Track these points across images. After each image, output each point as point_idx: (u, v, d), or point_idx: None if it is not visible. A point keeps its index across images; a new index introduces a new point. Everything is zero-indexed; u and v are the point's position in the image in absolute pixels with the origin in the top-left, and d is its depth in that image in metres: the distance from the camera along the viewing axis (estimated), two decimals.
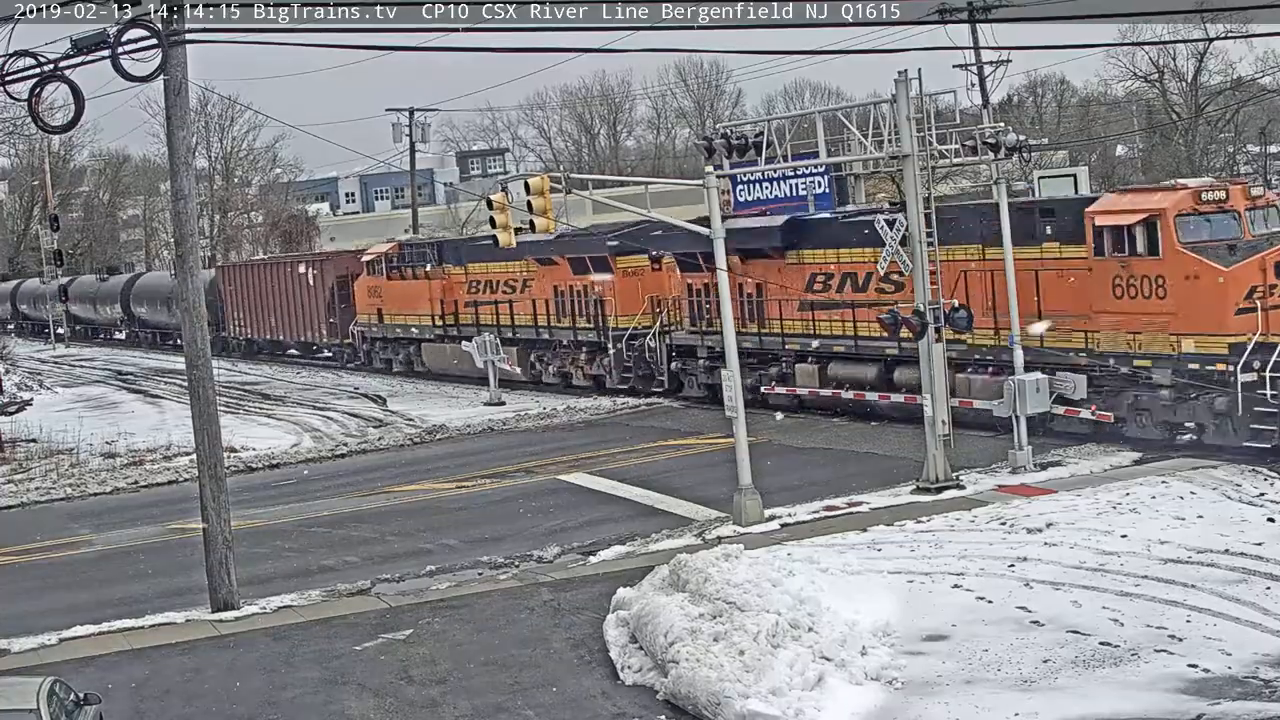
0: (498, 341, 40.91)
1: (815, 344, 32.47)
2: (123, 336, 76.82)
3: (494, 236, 25.62)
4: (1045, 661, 15.37)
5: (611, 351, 38.24)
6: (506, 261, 41.55)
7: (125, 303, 72.75)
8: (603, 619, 17.93)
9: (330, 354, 55.98)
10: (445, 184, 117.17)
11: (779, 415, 33.17)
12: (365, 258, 49.62)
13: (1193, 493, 21.99)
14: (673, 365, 36.84)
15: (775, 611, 15.84)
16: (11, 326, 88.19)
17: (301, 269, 55.79)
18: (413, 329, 47.39)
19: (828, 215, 34.19)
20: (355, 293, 50.62)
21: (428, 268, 46.45)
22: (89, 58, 19.29)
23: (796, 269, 32.93)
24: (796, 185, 47.34)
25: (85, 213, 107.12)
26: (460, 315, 45.16)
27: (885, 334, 27.57)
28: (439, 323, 46.05)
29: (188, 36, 19.89)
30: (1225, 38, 55.75)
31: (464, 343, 43.24)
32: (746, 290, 33.68)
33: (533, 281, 41.45)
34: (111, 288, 75.36)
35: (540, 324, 41.44)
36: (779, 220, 33.65)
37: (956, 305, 25.18)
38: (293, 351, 60.36)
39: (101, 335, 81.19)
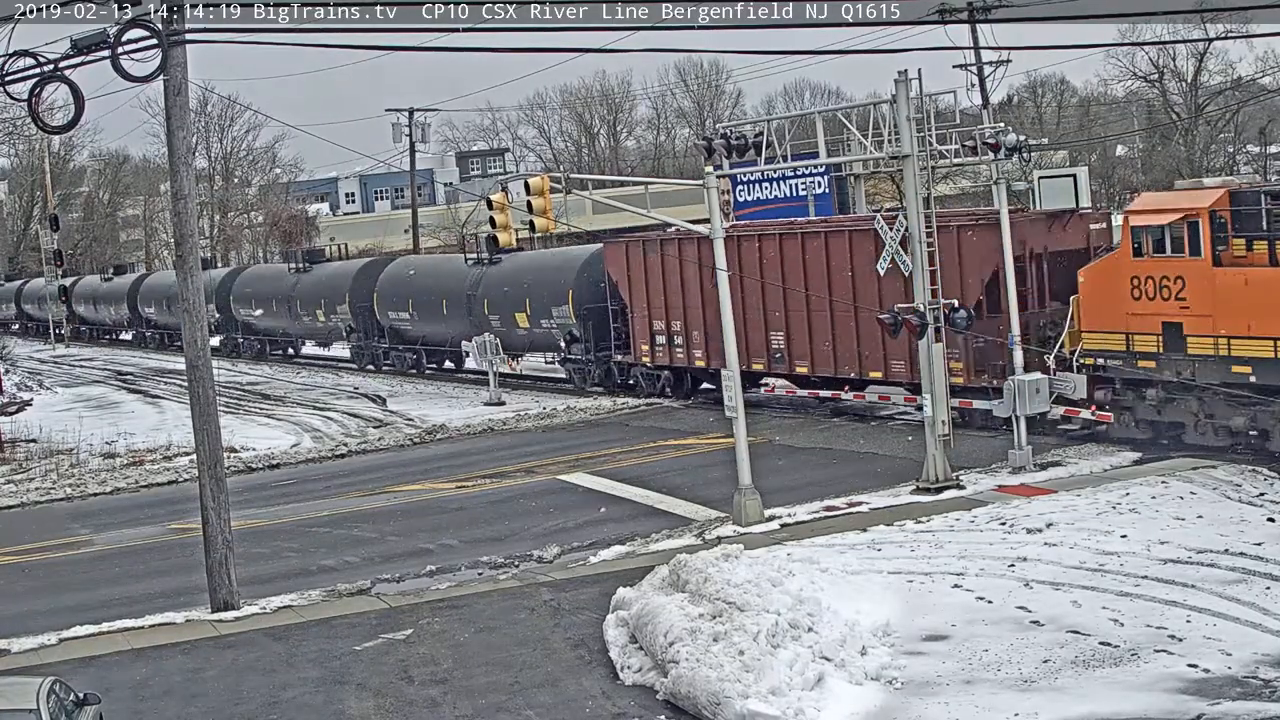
0: (497, 341, 40.74)
1: None
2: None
3: None
4: (1045, 661, 15.38)
5: None
6: None
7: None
8: (603, 619, 17.93)
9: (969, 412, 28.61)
10: (445, 184, 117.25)
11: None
12: (1142, 218, 25.18)
13: (1193, 493, 21.99)
14: None
15: (775, 611, 15.84)
16: None
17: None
18: None
19: None
20: (1085, 290, 26.33)
21: None
22: (89, 58, 19.29)
23: None
24: (796, 185, 47.49)
25: (85, 213, 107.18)
26: None
27: None
28: None
29: (188, 36, 19.89)
30: (1225, 38, 55.77)
31: (465, 343, 42.98)
32: None
33: None
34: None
35: None
36: None
37: (956, 305, 25.18)
38: (829, 396, 32.97)
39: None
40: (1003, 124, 28.93)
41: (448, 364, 49.00)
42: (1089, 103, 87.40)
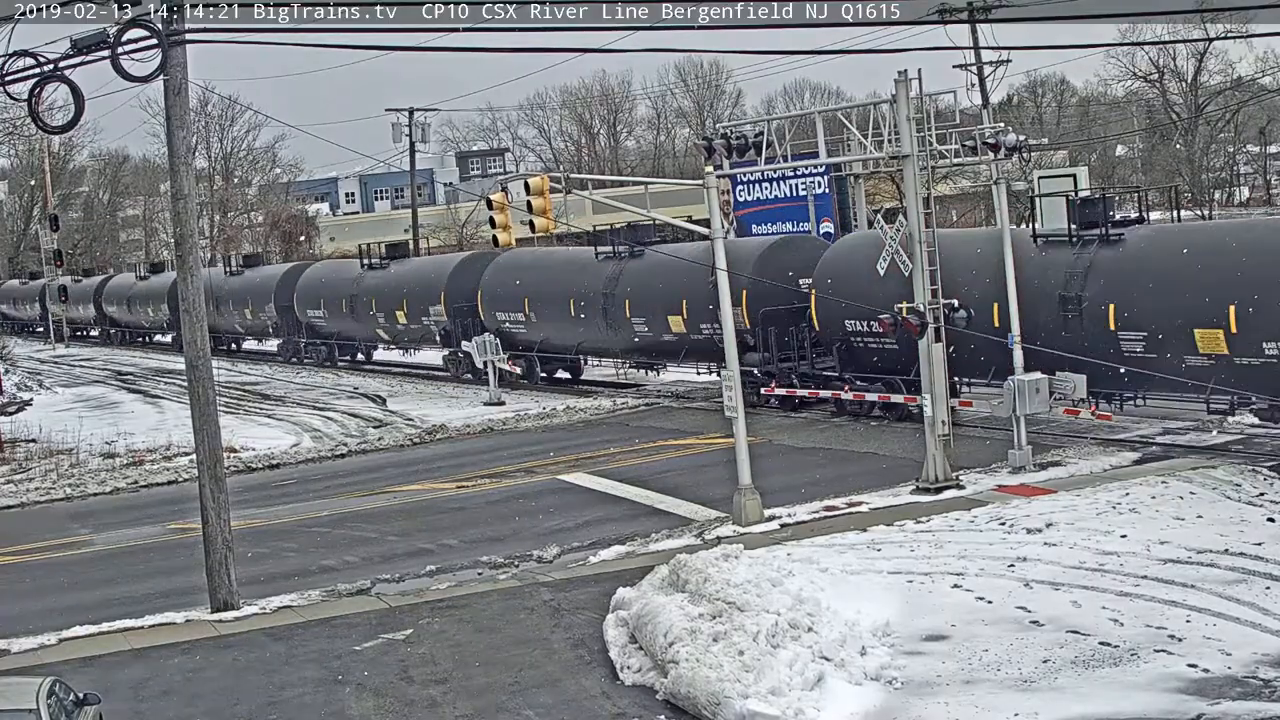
0: (497, 341, 40.72)
1: None
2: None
3: None
4: (1045, 661, 15.37)
5: None
6: None
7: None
8: (603, 619, 17.94)
9: None
10: (445, 184, 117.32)
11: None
12: None
13: (1192, 493, 21.99)
14: None
15: (775, 611, 15.85)
16: None
17: None
18: None
19: None
20: None
21: None
22: (89, 58, 19.29)
23: None
24: (796, 185, 47.45)
25: (85, 213, 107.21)
26: None
27: None
28: None
29: (188, 36, 19.89)
30: (1225, 38, 55.85)
31: (464, 343, 42.88)
32: None
33: None
34: None
35: None
36: None
37: (956, 305, 25.18)
38: None
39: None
40: (1002, 124, 28.91)
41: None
42: (1089, 103, 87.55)
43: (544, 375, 42.97)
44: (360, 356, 55.43)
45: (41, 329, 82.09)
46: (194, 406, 21.01)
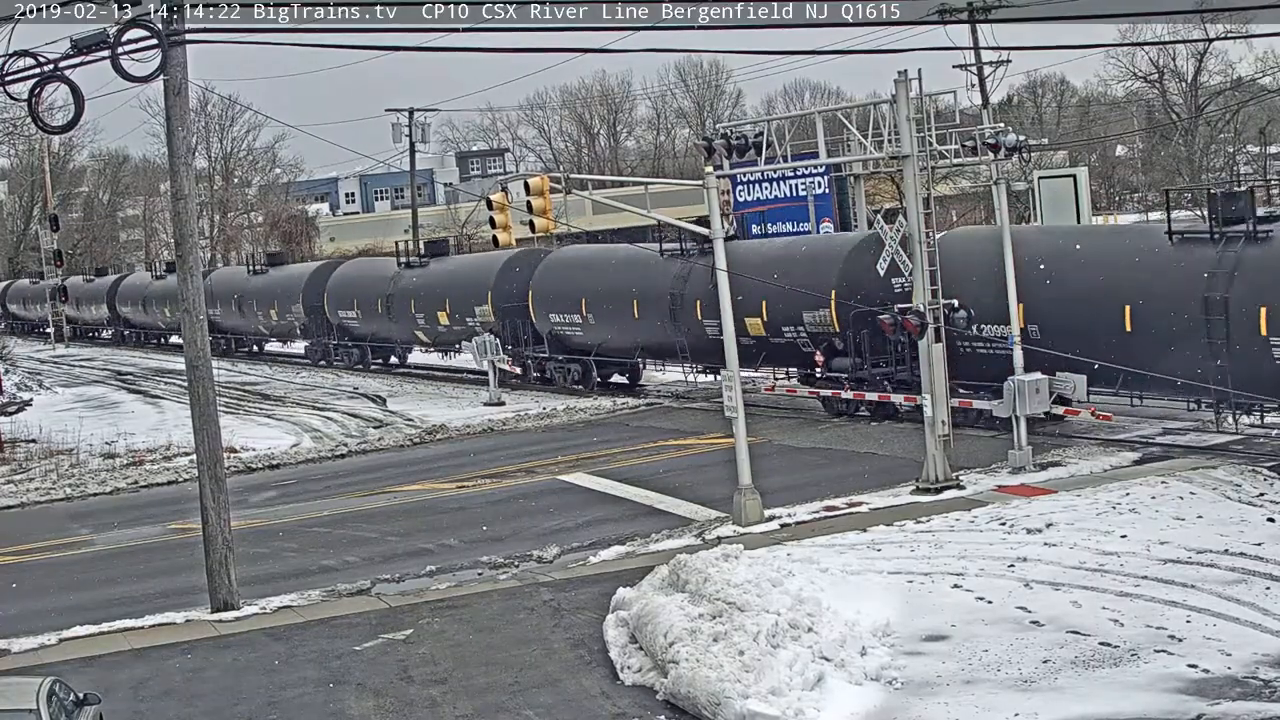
0: (498, 341, 40.69)
1: None
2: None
3: None
4: (1045, 661, 15.37)
5: None
6: None
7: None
8: (603, 619, 17.94)
9: None
10: (445, 184, 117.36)
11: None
12: None
13: (1192, 493, 21.99)
14: None
15: (775, 612, 15.85)
16: None
17: None
18: None
19: None
20: None
21: None
22: (89, 58, 19.29)
23: None
24: (796, 185, 47.46)
25: (85, 213, 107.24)
26: None
27: None
28: None
29: (188, 36, 19.89)
30: (1225, 38, 55.87)
31: (463, 342, 42.84)
32: None
33: None
34: None
35: None
36: None
37: (956, 305, 25.17)
38: None
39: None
40: (1002, 124, 28.91)
41: None
42: (1089, 103, 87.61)
43: (599, 380, 40.06)
44: (394, 359, 52.77)
45: (51, 330, 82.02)
46: (194, 406, 21.01)
